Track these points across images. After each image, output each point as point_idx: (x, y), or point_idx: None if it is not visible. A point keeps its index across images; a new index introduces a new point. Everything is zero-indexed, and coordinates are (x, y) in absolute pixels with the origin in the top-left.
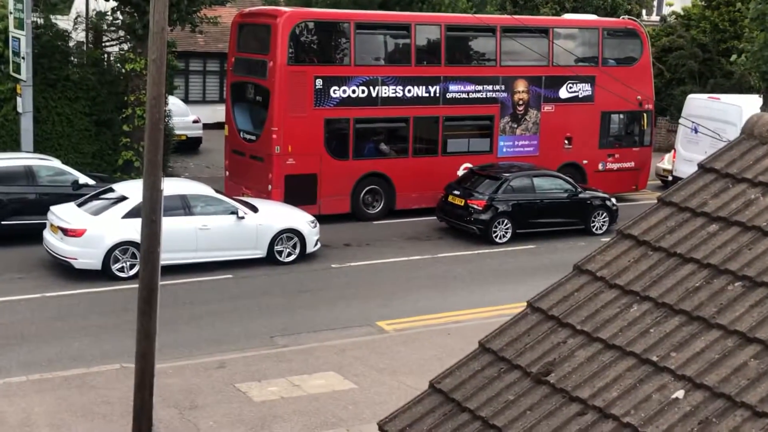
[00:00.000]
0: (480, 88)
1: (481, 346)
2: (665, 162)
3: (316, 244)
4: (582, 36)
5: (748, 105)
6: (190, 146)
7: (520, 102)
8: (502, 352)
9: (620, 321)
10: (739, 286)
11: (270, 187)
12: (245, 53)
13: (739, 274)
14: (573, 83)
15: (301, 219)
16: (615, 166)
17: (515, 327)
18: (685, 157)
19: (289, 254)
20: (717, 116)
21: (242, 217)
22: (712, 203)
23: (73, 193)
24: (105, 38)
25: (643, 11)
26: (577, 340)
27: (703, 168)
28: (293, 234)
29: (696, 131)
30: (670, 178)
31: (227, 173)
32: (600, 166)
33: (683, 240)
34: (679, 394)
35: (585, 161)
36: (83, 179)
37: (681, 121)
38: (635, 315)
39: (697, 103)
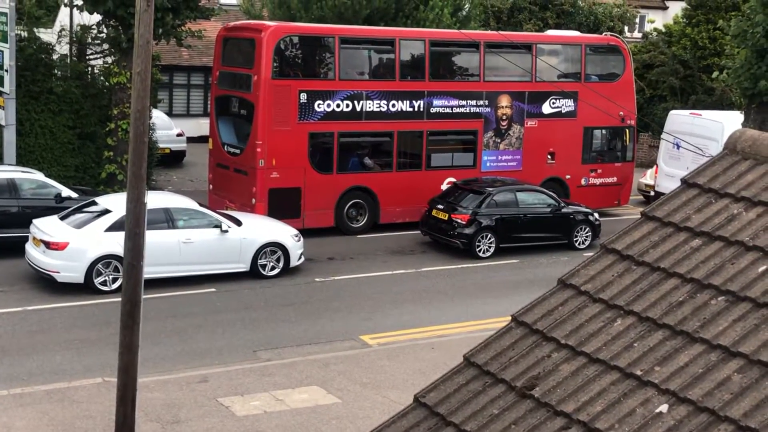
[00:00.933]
0: (464, 103)
1: (466, 360)
2: (647, 177)
3: (299, 258)
4: (565, 52)
5: (729, 121)
6: (173, 159)
7: (504, 117)
8: (486, 366)
9: (604, 335)
10: (723, 300)
11: (254, 200)
12: (230, 67)
13: (722, 288)
14: (556, 99)
15: (284, 233)
16: (598, 181)
17: (500, 341)
18: (667, 173)
19: (273, 268)
20: (699, 132)
21: (226, 231)
22: (695, 218)
23: (56, 206)
24: (89, 51)
25: (626, 28)
26: (561, 354)
27: (687, 183)
28: (277, 248)
29: (678, 147)
30: (652, 193)
31: (211, 186)
32: (583, 181)
33: (667, 254)
34: (663, 408)
35: (568, 176)
36: (66, 192)
37: (663, 136)
38: (619, 329)
39: (679, 119)
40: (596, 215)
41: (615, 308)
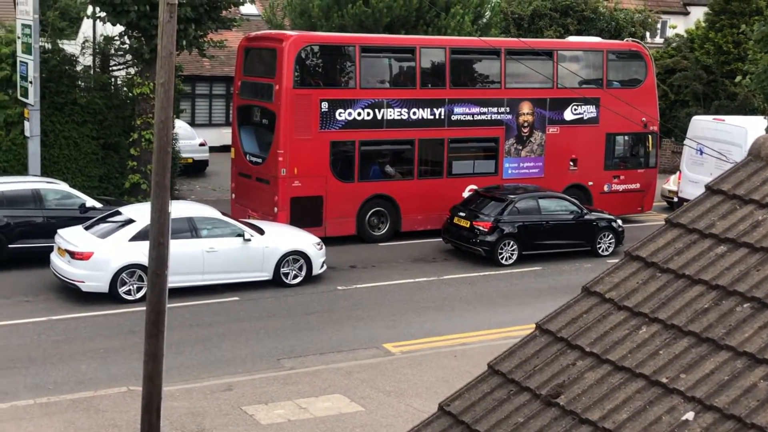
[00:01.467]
0: (485, 110)
1: (490, 368)
2: (671, 183)
3: (322, 266)
4: (586, 58)
5: (753, 126)
6: (196, 169)
7: (525, 124)
8: (511, 374)
9: (629, 343)
10: (748, 307)
11: (276, 209)
12: (251, 77)
13: (747, 295)
14: (578, 105)
15: (307, 241)
16: (620, 187)
17: (524, 349)
18: (690, 179)
19: (296, 276)
20: (722, 138)
21: (248, 240)
22: (719, 225)
23: (81, 217)
24: (112, 62)
25: (647, 34)
26: (586, 362)
27: (711, 189)
28: (299, 256)
29: (701, 152)
30: (675, 199)
31: (233, 195)
32: (605, 188)
33: (691, 261)
34: (689, 415)
35: (590, 183)
36: (90, 202)
37: (686, 142)
38: (644, 337)
39: (702, 125)
40: (619, 222)
41: (640, 316)
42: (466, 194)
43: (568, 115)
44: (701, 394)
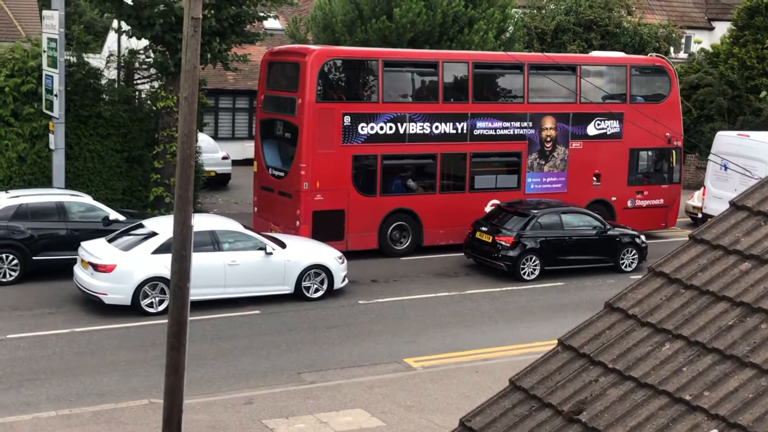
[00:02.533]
0: (507, 124)
1: (512, 383)
2: (695, 199)
3: (343, 280)
4: (610, 73)
5: None
6: (219, 182)
7: (548, 139)
8: (533, 390)
9: (652, 359)
10: None
11: (298, 222)
12: (274, 91)
13: None
14: (601, 120)
15: (328, 255)
16: (644, 203)
17: (546, 365)
18: (714, 194)
19: (317, 290)
20: (746, 153)
21: (270, 253)
22: (744, 241)
23: (104, 229)
24: (137, 76)
25: (671, 49)
26: (609, 379)
27: (735, 205)
28: (321, 270)
29: (726, 168)
30: (699, 215)
31: (256, 209)
32: (629, 203)
33: (716, 278)
34: None
35: (613, 198)
36: (114, 215)
37: (710, 158)
38: (668, 353)
39: (726, 140)
40: (643, 238)
41: (663, 332)
42: (488, 209)
43: (592, 130)
44: (725, 412)
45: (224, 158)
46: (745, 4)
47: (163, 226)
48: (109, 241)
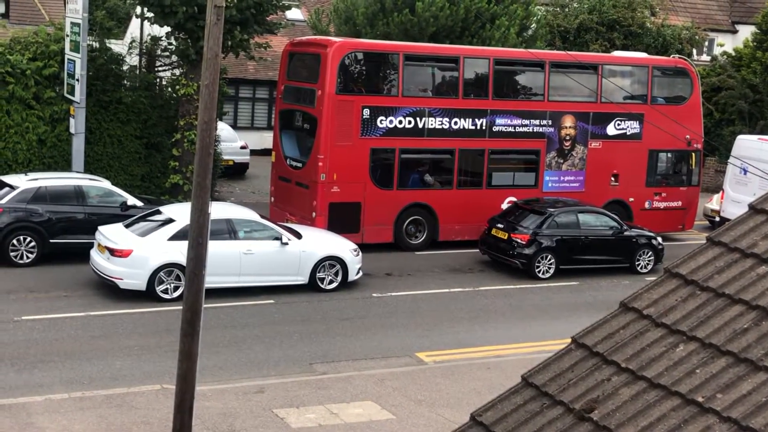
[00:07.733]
0: (527, 122)
1: (524, 380)
2: (713, 202)
3: (357, 273)
4: (631, 73)
5: None
6: (237, 171)
7: (567, 137)
8: (545, 387)
9: (666, 360)
10: None
11: (314, 214)
12: (295, 81)
13: None
14: (621, 120)
15: (344, 247)
16: (662, 204)
17: (559, 362)
18: (733, 198)
19: (331, 282)
20: (766, 158)
21: (286, 243)
22: (762, 245)
23: (121, 214)
24: (158, 63)
25: (694, 51)
26: (621, 378)
27: (754, 209)
28: (336, 262)
29: (745, 172)
30: (717, 218)
31: (272, 199)
32: (646, 205)
33: (732, 281)
34: None
35: (631, 199)
36: (131, 201)
37: (730, 161)
38: (681, 355)
39: (746, 144)
40: (659, 239)
41: (678, 333)
42: (504, 206)
43: (611, 129)
44: (738, 415)
45: (243, 148)
46: None
47: (180, 212)
48: (126, 226)
